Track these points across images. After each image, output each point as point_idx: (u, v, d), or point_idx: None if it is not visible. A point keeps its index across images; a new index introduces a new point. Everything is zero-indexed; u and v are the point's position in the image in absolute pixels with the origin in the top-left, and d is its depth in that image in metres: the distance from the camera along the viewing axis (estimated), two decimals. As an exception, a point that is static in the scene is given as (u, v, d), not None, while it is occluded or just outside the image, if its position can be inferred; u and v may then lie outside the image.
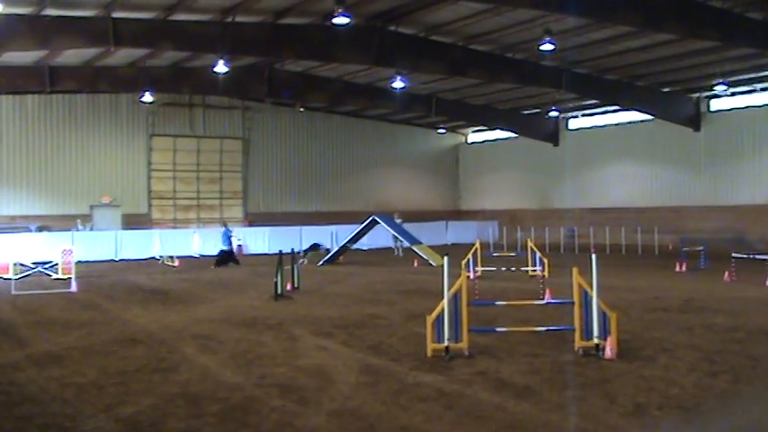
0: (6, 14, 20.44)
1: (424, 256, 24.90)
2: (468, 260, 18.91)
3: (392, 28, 26.32)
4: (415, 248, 25.51)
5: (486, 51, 28.72)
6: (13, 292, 17.46)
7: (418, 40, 27.28)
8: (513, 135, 42.57)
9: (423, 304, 13.87)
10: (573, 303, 9.43)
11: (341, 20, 21.70)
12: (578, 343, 9.38)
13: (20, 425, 6.77)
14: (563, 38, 24.91)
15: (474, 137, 47.46)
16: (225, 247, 26.15)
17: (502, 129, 42.62)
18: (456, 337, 9.31)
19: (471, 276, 18.41)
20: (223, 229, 26.90)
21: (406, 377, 8.38)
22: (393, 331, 11.52)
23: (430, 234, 33.84)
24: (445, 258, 9.51)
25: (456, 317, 9.31)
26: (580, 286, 9.33)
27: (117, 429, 6.60)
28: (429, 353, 9.37)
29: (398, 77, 30.15)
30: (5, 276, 19.28)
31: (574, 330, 9.44)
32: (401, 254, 29.63)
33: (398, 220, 30.72)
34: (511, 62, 29.52)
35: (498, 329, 10.51)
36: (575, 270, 9.31)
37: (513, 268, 19.75)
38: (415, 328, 11.43)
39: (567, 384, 7.97)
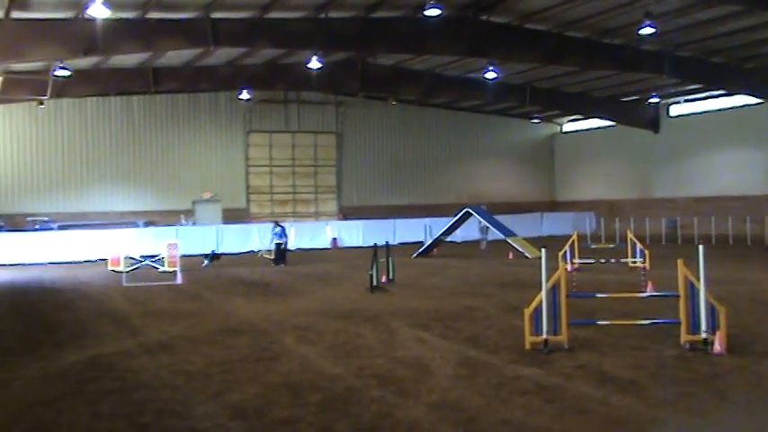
0: (113, 19, 21.40)
1: (520, 249, 24.59)
2: (566, 252, 18.55)
3: (484, 17, 26.02)
4: (509, 241, 25.21)
5: (583, 38, 27.98)
6: (125, 284, 18.35)
7: (511, 29, 26.85)
8: (610, 123, 41.42)
9: (519, 296, 13.72)
10: (678, 296, 9.11)
11: (432, 11, 21.65)
12: (684, 337, 9.06)
13: (136, 409, 7.12)
14: (664, 20, 23.98)
15: (570, 126, 46.44)
16: (279, 241, 25.29)
17: (599, 117, 41.54)
18: (555, 329, 9.17)
19: (569, 268, 18.05)
20: (275, 227, 25.97)
21: (504, 370, 8.32)
22: (490, 324, 11.45)
23: (525, 226, 33.35)
24: (543, 250, 9.37)
25: (555, 309, 9.17)
26: (686, 278, 9.00)
27: (225, 416, 6.83)
28: (527, 346, 9.27)
29: (491, 67, 29.82)
30: (117, 269, 20.27)
31: (679, 324, 9.13)
32: (486, 247, 29.28)
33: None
34: (609, 48, 28.65)
35: (599, 322, 10.26)
36: (680, 262, 8.98)
37: (612, 260, 19.23)
38: (512, 321, 11.32)
39: (674, 380, 7.71)
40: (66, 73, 26.42)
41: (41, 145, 34.26)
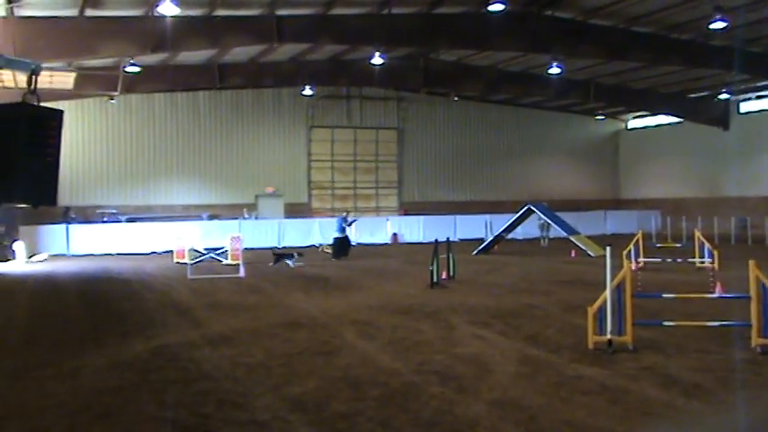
0: (181, 17, 21.86)
1: (582, 247, 24.18)
2: (630, 250, 18.16)
3: (548, 13, 25.66)
4: (572, 239, 24.81)
5: (650, 33, 27.30)
6: (189, 277, 18.74)
7: (576, 25, 26.41)
8: (677, 120, 40.35)
9: (581, 295, 13.49)
10: (749, 298, 8.80)
11: (496, 7, 21.48)
12: (755, 340, 8.75)
13: (199, 399, 7.26)
14: (735, 15, 23.22)
15: (635, 122, 45.44)
16: (339, 235, 25.25)
17: (665, 113, 40.52)
18: (619, 329, 8.97)
19: (634, 267, 17.65)
20: (342, 217, 25.96)
21: (566, 369, 8.19)
22: (551, 322, 11.29)
23: (588, 224, 32.77)
24: (607, 249, 9.18)
25: (619, 309, 8.97)
26: (758, 279, 8.69)
27: (285, 408, 6.91)
28: (590, 345, 9.10)
29: (554, 63, 29.38)
30: (182, 261, 20.72)
31: (750, 327, 8.83)
32: (547, 244, 28.98)
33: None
34: (676, 43, 27.91)
35: (666, 323, 10.00)
36: (751, 262, 8.68)
37: (678, 260, 18.73)
38: (573, 320, 11.13)
39: (743, 383, 7.46)
40: (136, 69, 27.14)
41: (111, 139, 35.30)
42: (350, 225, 26.14)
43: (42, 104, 3.68)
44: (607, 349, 8.90)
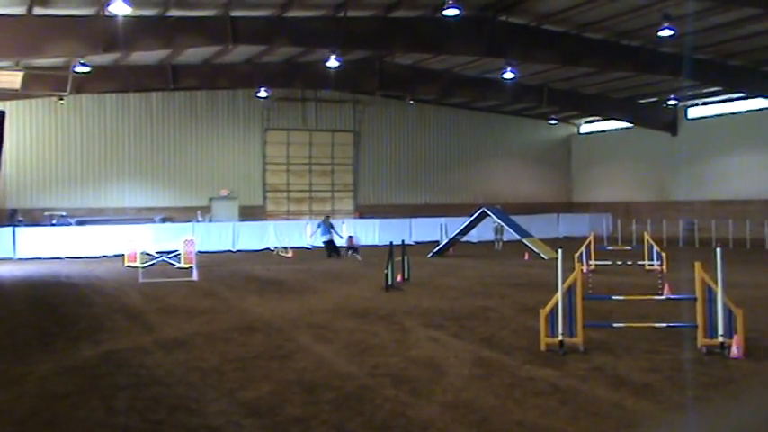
0: (133, 17, 21.53)
1: (535, 249, 24.51)
2: (582, 253, 18.47)
3: (503, 18, 25.96)
4: (525, 241, 25.13)
5: (601, 39, 27.82)
6: (141, 280, 18.45)
7: (530, 30, 26.78)
8: (628, 125, 41.15)
9: (535, 297, 13.68)
10: (695, 299, 9.03)
11: (451, 11, 21.61)
12: (701, 341, 8.98)
13: (151, 405, 7.15)
14: (682, 23, 23.82)
15: (587, 127, 46.22)
16: (324, 239, 26.61)
17: (616, 119, 41.28)
18: (570, 331, 9.12)
19: (585, 270, 17.95)
20: (322, 221, 27.26)
21: (519, 371, 8.29)
22: (505, 324, 11.42)
23: (541, 227, 33.25)
24: (559, 251, 9.33)
25: (570, 311, 9.12)
26: (703, 281, 8.92)
27: (238, 413, 6.84)
28: (543, 347, 9.23)
29: (509, 68, 29.75)
30: (134, 264, 20.39)
31: (696, 327, 9.06)
32: (500, 247, 29.28)
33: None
34: (627, 49, 28.50)
35: (615, 325, 10.20)
36: (697, 264, 8.91)
37: (628, 262, 19.13)
38: (527, 322, 11.28)
39: (691, 383, 7.65)
40: (86, 69, 26.61)
41: (60, 140, 34.55)
42: (331, 228, 26.95)
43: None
44: (559, 351, 9.04)
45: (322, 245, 26.96)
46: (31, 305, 15.12)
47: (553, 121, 45.49)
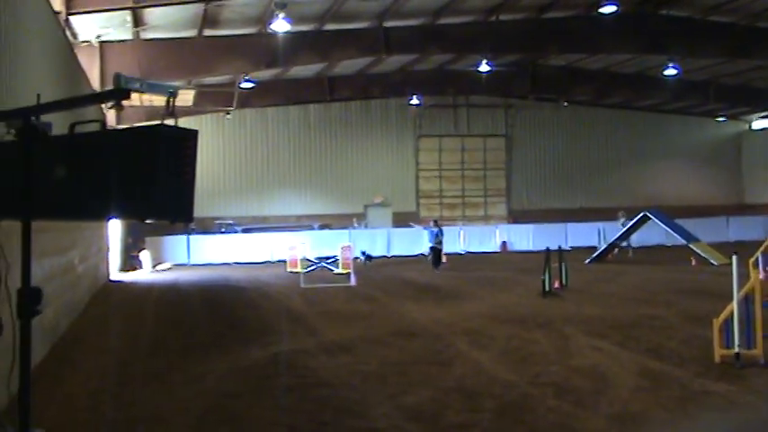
0: (293, 33, 22.51)
1: (703, 255, 23.11)
2: (757, 258, 17.19)
3: (663, 12, 24.76)
4: (693, 246, 23.76)
5: (775, 28, 25.93)
6: (302, 285, 19.20)
7: (694, 23, 25.37)
8: (807, 119, 38.00)
9: (704, 306, 12.89)
10: None
11: (608, 8, 20.93)
12: None
13: (317, 406, 7.42)
14: None
15: (760, 123, 43.04)
16: (433, 245, 24.95)
17: (794, 113, 38.22)
18: (748, 343, 8.52)
19: (762, 276, 16.69)
20: (431, 228, 25.62)
21: (691, 384, 7.83)
22: (672, 334, 10.84)
23: (708, 230, 31.21)
24: (734, 257, 8.75)
25: (748, 320, 8.52)
26: None
27: (401, 417, 6.94)
28: (717, 359, 8.69)
29: (671, 64, 28.27)
30: (295, 270, 21.26)
31: None
32: (632, 255, 27.23)
33: (622, 219, 28.51)
34: (805, 37, 26.35)
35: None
36: None
37: (812, 268, 17.60)
38: (696, 331, 10.64)
39: None
40: (250, 85, 28.13)
41: (227, 153, 36.66)
42: (438, 235, 24.96)
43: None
44: (735, 363, 8.46)
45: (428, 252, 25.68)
46: (205, 307, 16.17)
47: (721, 119, 42.76)
